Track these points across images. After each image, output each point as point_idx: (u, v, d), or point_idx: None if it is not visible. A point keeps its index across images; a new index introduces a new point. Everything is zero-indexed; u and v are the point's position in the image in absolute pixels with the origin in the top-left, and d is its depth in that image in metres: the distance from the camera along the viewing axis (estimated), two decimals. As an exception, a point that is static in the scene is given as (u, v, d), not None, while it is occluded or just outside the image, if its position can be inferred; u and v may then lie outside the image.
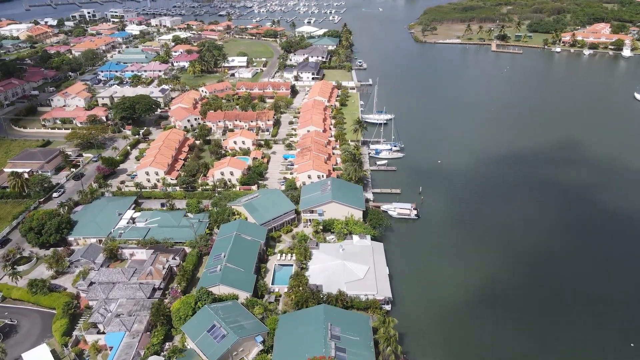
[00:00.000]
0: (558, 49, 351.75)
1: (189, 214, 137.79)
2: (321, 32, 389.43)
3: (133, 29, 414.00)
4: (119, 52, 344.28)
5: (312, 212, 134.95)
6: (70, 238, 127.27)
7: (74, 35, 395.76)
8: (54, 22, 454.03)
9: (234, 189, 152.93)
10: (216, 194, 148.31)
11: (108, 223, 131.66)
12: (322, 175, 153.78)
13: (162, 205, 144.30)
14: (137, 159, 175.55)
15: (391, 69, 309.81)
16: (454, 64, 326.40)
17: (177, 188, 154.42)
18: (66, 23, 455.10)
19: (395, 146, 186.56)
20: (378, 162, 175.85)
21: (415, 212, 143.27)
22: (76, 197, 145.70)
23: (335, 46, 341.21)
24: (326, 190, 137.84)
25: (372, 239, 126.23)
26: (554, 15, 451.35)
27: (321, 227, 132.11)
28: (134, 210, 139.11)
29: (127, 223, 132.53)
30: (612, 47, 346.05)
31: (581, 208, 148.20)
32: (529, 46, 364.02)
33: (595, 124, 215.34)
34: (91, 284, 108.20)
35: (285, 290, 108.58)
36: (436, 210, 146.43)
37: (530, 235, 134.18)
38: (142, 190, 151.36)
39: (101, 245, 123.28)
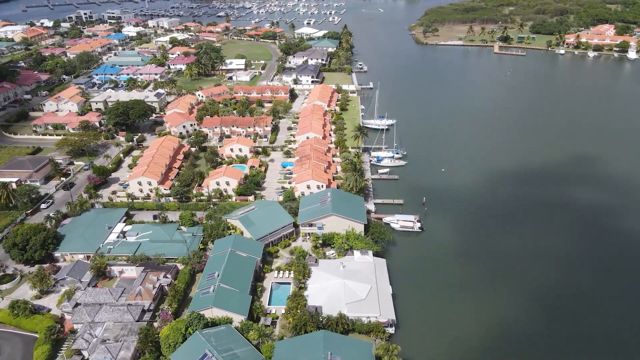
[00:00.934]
0: (562, 51, 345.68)
1: (182, 227, 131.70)
2: (321, 33, 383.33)
3: (130, 31, 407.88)
4: (115, 54, 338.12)
5: (311, 225, 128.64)
6: (57, 254, 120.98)
7: (69, 36, 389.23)
8: (50, 24, 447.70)
9: (230, 200, 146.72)
10: (211, 206, 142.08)
11: (97, 237, 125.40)
12: (322, 186, 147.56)
13: (155, 217, 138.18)
14: (130, 167, 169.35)
15: (392, 71, 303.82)
16: (456, 66, 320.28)
17: (171, 199, 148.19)
18: (62, 24, 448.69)
19: (397, 153, 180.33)
20: (380, 171, 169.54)
21: (419, 224, 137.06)
22: (65, 209, 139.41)
23: (335, 48, 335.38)
24: (326, 203, 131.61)
25: (374, 255, 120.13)
26: (557, 16, 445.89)
27: (320, 242, 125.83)
28: (124, 224, 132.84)
29: (117, 237, 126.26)
30: (617, 49, 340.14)
31: (594, 234, 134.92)
32: (532, 48, 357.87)
33: (608, 134, 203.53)
34: (76, 305, 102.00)
35: (283, 311, 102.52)
36: (441, 223, 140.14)
37: (540, 256, 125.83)
38: (134, 201, 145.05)
39: (89, 262, 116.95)
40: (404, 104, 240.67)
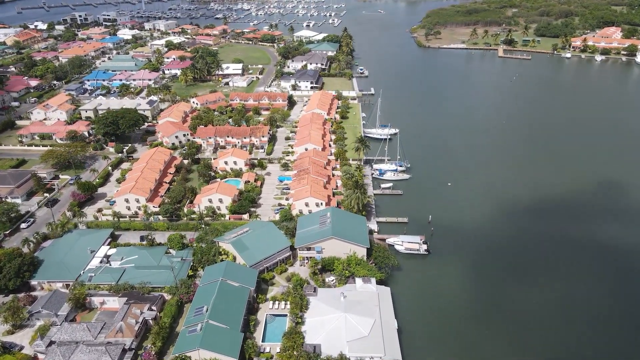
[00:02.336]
0: (568, 55, 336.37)
1: (171, 251, 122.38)
2: (320, 36, 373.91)
3: (125, 34, 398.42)
4: (109, 58, 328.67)
5: (309, 249, 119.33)
6: (34, 282, 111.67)
7: (63, 39, 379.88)
8: (44, 26, 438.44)
9: (223, 219, 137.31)
10: (202, 226, 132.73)
11: (78, 263, 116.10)
12: (321, 203, 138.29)
13: (142, 239, 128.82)
14: (119, 181, 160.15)
15: (394, 76, 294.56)
16: (460, 71, 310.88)
17: (160, 217, 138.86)
18: (57, 27, 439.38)
19: (400, 166, 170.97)
20: (382, 185, 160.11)
21: (425, 246, 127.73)
22: (45, 230, 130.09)
23: (335, 52, 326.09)
24: (325, 224, 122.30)
25: (377, 283, 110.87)
26: (561, 18, 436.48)
27: (319, 267, 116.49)
28: (108, 247, 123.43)
29: (101, 262, 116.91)
30: (625, 52, 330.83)
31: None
32: (538, 51, 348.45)
33: (631, 150, 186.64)
34: (50, 343, 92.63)
35: (278, 349, 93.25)
36: (449, 244, 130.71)
37: (560, 285, 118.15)
38: (120, 220, 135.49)
39: (68, 291, 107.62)
40: (407, 111, 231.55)
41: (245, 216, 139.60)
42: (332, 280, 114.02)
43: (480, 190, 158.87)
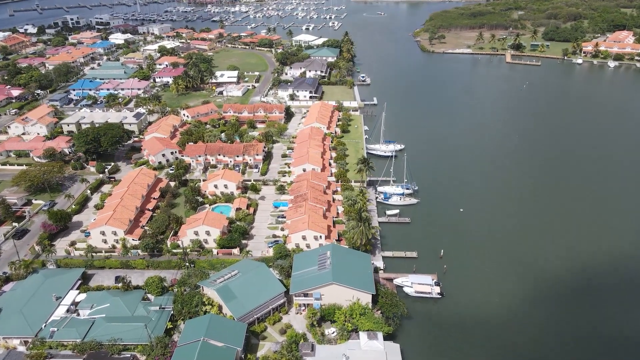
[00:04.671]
0: (580, 61, 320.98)
1: (148, 296, 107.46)
2: (320, 41, 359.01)
3: (117, 38, 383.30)
4: (99, 64, 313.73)
5: (306, 295, 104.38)
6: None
7: (52, 44, 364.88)
8: (34, 30, 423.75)
9: (210, 255, 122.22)
10: (186, 264, 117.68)
11: (40, 313, 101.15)
12: (320, 237, 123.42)
13: (117, 279, 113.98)
14: (98, 207, 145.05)
15: (398, 84, 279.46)
16: (467, 78, 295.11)
17: (140, 252, 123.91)
18: (47, 31, 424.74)
19: (407, 189, 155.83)
20: (388, 212, 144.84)
21: (437, 288, 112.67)
22: (8, 269, 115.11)
23: (335, 58, 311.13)
24: (325, 266, 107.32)
25: (384, 338, 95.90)
26: (569, 21, 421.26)
27: (318, 317, 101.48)
28: (78, 291, 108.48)
29: (67, 311, 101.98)
30: (639, 58, 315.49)
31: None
32: (547, 57, 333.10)
33: None
34: None
35: None
36: (464, 285, 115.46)
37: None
38: (94, 258, 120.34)
39: (25, 350, 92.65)
40: (412, 124, 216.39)
41: (236, 251, 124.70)
42: (333, 333, 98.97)
43: (496, 216, 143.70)
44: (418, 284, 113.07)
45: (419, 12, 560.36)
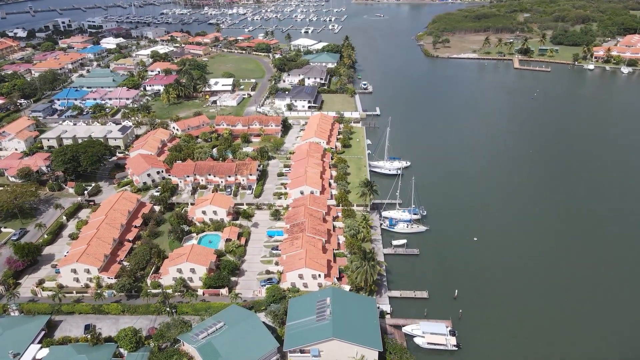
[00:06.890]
0: (591, 66, 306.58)
1: (121, 351, 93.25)
2: (320, 45, 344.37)
3: (109, 42, 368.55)
4: (88, 70, 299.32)
5: (303, 352, 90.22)
6: None
7: (41, 49, 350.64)
8: (24, 34, 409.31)
9: (193, 298, 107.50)
10: (167, 309, 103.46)
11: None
12: (319, 275, 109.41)
13: (86, 328, 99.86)
14: (73, 237, 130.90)
15: (401, 92, 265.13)
16: (474, 86, 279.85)
17: (115, 293, 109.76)
18: (37, 34, 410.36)
19: (415, 214, 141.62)
20: (394, 242, 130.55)
21: (453, 339, 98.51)
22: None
23: (335, 64, 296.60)
24: (324, 316, 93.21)
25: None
26: (578, 24, 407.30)
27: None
28: (40, 345, 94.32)
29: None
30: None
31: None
32: (557, 62, 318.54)
33: None
34: None
35: None
36: (484, 334, 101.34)
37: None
38: (62, 302, 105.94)
39: None
40: (417, 137, 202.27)
41: (224, 291, 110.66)
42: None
43: (514, 247, 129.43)
44: (430, 334, 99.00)
45: (421, 14, 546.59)
